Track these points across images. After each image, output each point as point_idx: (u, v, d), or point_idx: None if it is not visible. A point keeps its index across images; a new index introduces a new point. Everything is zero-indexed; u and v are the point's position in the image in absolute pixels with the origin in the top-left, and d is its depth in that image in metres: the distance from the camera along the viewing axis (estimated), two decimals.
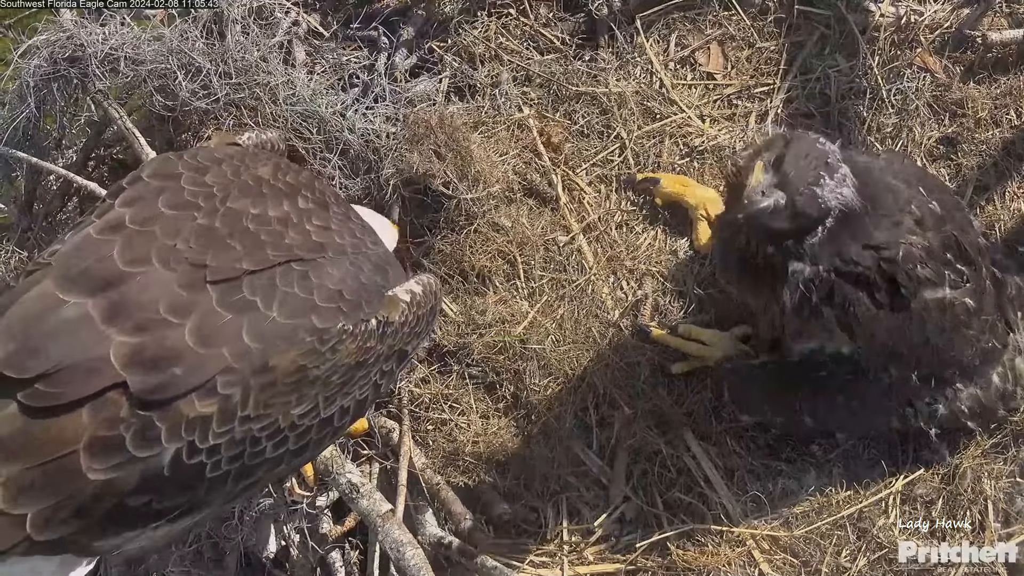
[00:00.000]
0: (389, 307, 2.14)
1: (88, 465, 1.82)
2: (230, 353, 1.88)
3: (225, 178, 2.16)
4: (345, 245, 2.17)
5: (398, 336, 2.16)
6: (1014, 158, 3.13)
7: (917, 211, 2.51)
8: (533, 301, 3.05)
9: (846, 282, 2.45)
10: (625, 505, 2.87)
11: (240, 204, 2.10)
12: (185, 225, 2.02)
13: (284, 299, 1.97)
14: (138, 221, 2.02)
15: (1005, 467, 2.73)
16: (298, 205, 2.17)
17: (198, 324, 1.88)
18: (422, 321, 2.24)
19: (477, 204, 3.08)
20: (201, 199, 2.09)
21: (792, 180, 2.31)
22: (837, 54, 3.31)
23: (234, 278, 1.95)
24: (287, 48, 3.40)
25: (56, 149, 3.41)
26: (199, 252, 1.97)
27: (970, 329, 2.59)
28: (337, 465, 2.80)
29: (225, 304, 1.92)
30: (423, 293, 2.24)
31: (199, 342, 1.87)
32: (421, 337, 2.30)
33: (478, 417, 2.93)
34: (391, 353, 2.17)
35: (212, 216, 2.05)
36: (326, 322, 2.00)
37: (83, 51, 3.08)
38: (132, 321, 1.87)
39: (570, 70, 3.37)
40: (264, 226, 2.08)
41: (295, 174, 2.29)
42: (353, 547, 2.92)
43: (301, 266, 2.04)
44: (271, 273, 2.00)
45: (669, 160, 3.27)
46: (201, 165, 2.18)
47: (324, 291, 2.03)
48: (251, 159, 2.28)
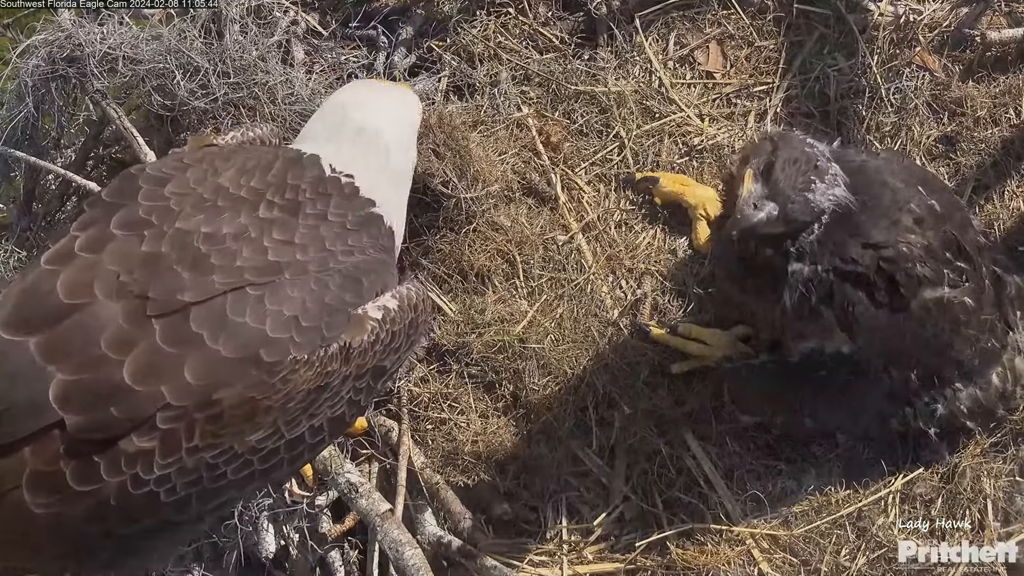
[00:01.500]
0: (354, 328, 2.03)
1: (32, 500, 1.84)
2: (169, 391, 1.84)
3: (186, 188, 2.08)
4: (307, 262, 2.03)
5: (368, 355, 2.06)
6: (1013, 157, 3.13)
7: (916, 210, 2.51)
8: (532, 300, 3.04)
9: (845, 282, 2.45)
10: (625, 505, 2.87)
11: (191, 223, 2.01)
12: (133, 250, 1.96)
13: (233, 332, 1.89)
14: (87, 247, 1.97)
15: (1005, 466, 2.72)
16: (258, 215, 2.05)
17: (138, 361, 1.84)
18: (399, 337, 2.13)
19: (476, 203, 3.07)
20: (154, 216, 2.01)
21: (783, 189, 2.31)
22: (836, 53, 3.31)
23: (178, 310, 1.88)
24: (286, 47, 3.39)
25: (55, 149, 3.41)
26: (142, 282, 1.91)
27: (969, 329, 2.59)
28: (336, 465, 2.80)
29: (169, 339, 1.86)
30: (399, 308, 2.13)
31: (137, 380, 1.83)
32: (401, 352, 2.19)
33: (477, 416, 2.93)
34: (362, 372, 2.07)
35: (158, 240, 1.97)
36: (275, 355, 1.91)
37: (81, 51, 3.08)
38: (73, 358, 1.85)
39: (569, 69, 3.37)
40: (216, 246, 1.97)
41: (263, 172, 2.15)
42: (352, 547, 2.92)
43: (256, 290, 1.94)
44: (222, 301, 1.91)
45: (668, 159, 3.27)
46: (163, 176, 2.11)
47: (278, 319, 1.93)
48: (221, 162, 2.17)
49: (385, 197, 2.30)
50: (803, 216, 2.34)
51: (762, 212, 2.29)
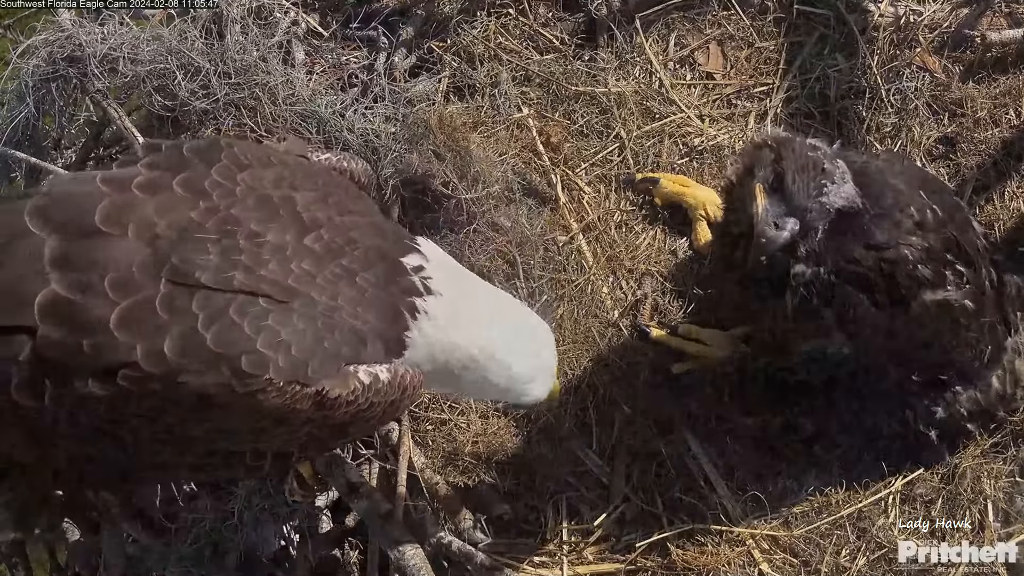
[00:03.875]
0: (339, 382, 1.97)
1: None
2: (143, 351, 1.81)
3: (259, 184, 2.06)
4: (317, 302, 1.98)
5: (339, 412, 1.99)
6: (1013, 158, 3.14)
7: (917, 212, 2.51)
8: (533, 301, 3.04)
9: (846, 284, 2.45)
10: (625, 505, 2.87)
11: (246, 214, 2.00)
12: (182, 210, 1.95)
13: (226, 328, 1.86)
14: (144, 187, 1.96)
15: (1005, 467, 2.73)
16: (303, 242, 2.02)
17: (130, 310, 1.82)
18: (375, 408, 2.05)
19: (476, 204, 3.07)
20: (216, 193, 2.00)
21: (800, 201, 2.27)
22: (836, 54, 3.32)
23: (189, 285, 1.87)
24: (286, 48, 3.38)
25: (55, 149, 3.41)
26: (174, 243, 1.89)
27: (970, 331, 2.59)
28: (336, 465, 2.80)
29: (167, 305, 1.84)
30: (388, 383, 2.05)
31: (119, 326, 1.81)
32: (372, 423, 2.11)
33: (477, 417, 2.93)
34: (325, 424, 2.01)
35: (209, 215, 1.97)
36: (253, 368, 1.86)
37: (82, 51, 3.08)
38: (75, 277, 1.83)
39: (569, 70, 3.37)
40: (254, 247, 1.96)
41: (330, 210, 2.11)
42: (352, 547, 2.92)
43: (267, 304, 1.91)
44: (231, 298, 1.88)
45: (668, 160, 3.27)
46: (244, 162, 2.09)
47: (272, 338, 1.89)
48: (303, 178, 2.15)
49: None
50: (819, 221, 2.32)
51: (785, 231, 2.25)
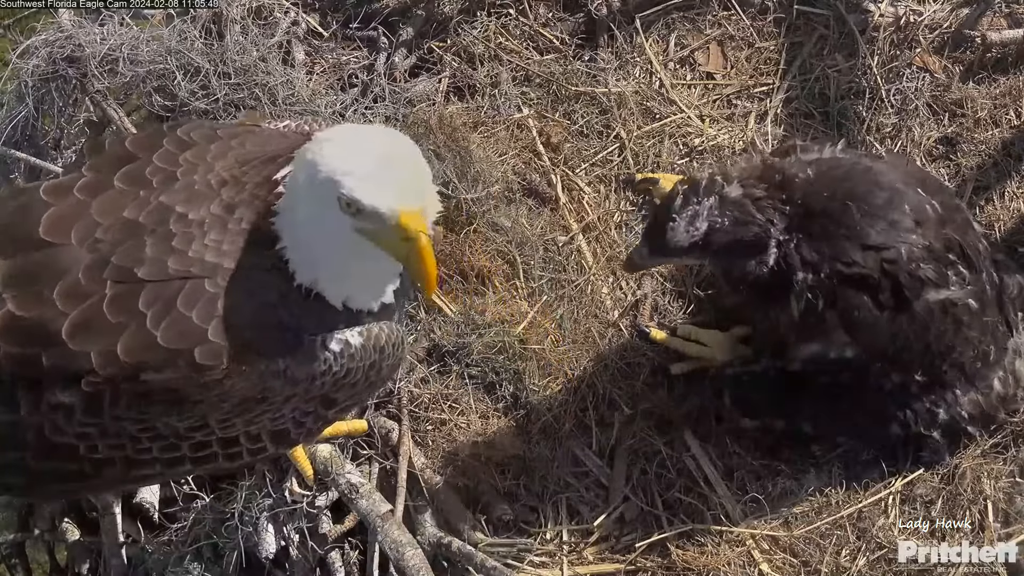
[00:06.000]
0: (303, 355, 1.93)
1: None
2: (97, 358, 1.82)
3: (201, 159, 2.02)
4: (231, 271, 1.89)
5: (315, 384, 1.97)
6: (1013, 158, 3.14)
7: (916, 213, 2.51)
8: (532, 301, 3.04)
9: (849, 286, 2.45)
10: (625, 505, 2.87)
11: (173, 198, 1.94)
12: (120, 207, 1.93)
13: (175, 322, 1.84)
14: (85, 189, 1.95)
15: (1005, 467, 2.73)
16: (211, 209, 1.95)
17: (78, 319, 1.83)
18: (354, 373, 2.01)
19: (476, 204, 3.07)
20: (156, 179, 1.97)
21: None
22: (836, 54, 3.32)
23: (132, 282, 1.85)
24: (286, 48, 3.39)
25: (55, 149, 3.39)
26: (113, 243, 1.88)
27: (972, 331, 2.59)
28: (336, 465, 2.80)
29: (115, 308, 1.84)
30: (361, 346, 2.00)
31: (71, 336, 1.82)
32: (359, 389, 2.07)
33: (478, 417, 2.92)
34: (309, 398, 2.00)
35: (144, 206, 1.93)
36: (207, 359, 1.85)
37: (81, 51, 3.09)
38: (26, 293, 1.85)
39: (569, 70, 3.37)
40: (183, 229, 1.91)
41: (241, 163, 2.02)
42: (353, 547, 2.91)
43: (212, 287, 1.87)
44: (178, 286, 1.85)
45: (669, 160, 3.27)
46: (187, 141, 2.06)
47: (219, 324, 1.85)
48: (238, 144, 2.08)
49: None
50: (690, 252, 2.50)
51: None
